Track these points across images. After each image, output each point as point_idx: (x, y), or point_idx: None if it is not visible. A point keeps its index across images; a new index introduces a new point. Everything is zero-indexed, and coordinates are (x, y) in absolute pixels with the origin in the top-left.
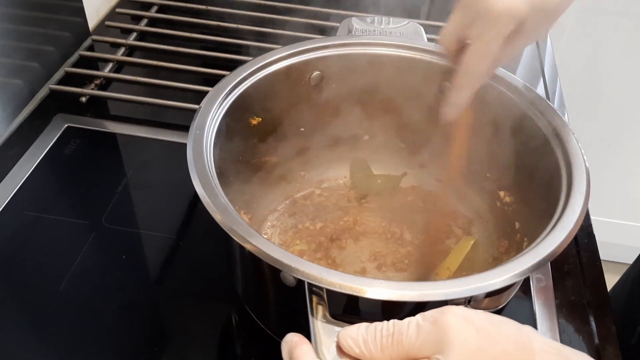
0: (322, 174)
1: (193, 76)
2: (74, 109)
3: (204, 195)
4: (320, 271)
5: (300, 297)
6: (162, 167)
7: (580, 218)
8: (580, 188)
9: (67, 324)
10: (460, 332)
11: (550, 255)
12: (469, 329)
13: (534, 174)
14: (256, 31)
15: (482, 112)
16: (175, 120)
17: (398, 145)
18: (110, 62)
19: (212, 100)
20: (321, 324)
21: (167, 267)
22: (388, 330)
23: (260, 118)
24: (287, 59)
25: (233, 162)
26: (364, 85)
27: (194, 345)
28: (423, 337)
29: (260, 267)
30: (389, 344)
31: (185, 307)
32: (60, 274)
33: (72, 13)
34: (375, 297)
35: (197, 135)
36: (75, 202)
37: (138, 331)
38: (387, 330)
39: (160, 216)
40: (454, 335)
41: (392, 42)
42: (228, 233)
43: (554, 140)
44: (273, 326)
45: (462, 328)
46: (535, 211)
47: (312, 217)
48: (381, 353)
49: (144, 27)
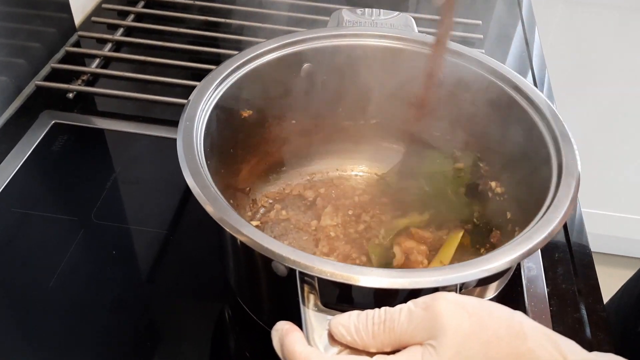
0: (314, 166)
1: (181, 71)
2: (61, 105)
3: (195, 186)
4: (312, 260)
5: (292, 286)
6: (151, 162)
7: (570, 206)
8: (570, 177)
9: (56, 321)
10: (452, 318)
11: (541, 243)
12: (461, 314)
13: (524, 163)
14: (244, 25)
15: (469, 101)
16: (164, 116)
17: (390, 136)
18: (97, 57)
19: (202, 91)
20: (313, 313)
21: (159, 263)
22: (380, 318)
23: (250, 111)
24: (277, 51)
25: (224, 154)
26: (354, 77)
27: (188, 341)
28: (415, 324)
29: (252, 258)
30: (380, 331)
31: (178, 303)
32: (49, 271)
33: (57, 9)
34: (366, 285)
35: (187, 127)
36: (63, 199)
37: (130, 327)
38: (378, 317)
39: (150, 211)
40: (446, 321)
41: (382, 33)
42: (219, 223)
43: (545, 129)
44: (266, 318)
45: (454, 313)
46: (526, 201)
47: (303, 210)
48: (373, 340)
49: (131, 22)
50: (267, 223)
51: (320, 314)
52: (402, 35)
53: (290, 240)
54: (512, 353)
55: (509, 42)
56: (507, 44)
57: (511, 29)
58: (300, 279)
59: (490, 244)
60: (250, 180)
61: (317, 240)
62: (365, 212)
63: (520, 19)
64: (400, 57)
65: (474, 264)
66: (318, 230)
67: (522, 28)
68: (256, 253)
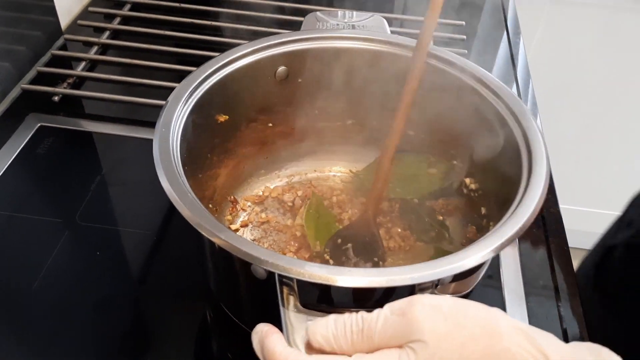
0: (292, 168)
1: (167, 73)
2: (47, 108)
3: (171, 192)
4: (289, 262)
5: (272, 289)
6: (136, 164)
7: (540, 200)
8: (540, 170)
9: (40, 324)
10: (428, 321)
11: (513, 236)
12: (437, 316)
13: (496, 159)
14: (230, 27)
15: (441, 100)
16: (150, 118)
17: (366, 137)
18: (83, 61)
19: (177, 97)
20: (293, 314)
21: (143, 265)
22: (358, 326)
23: (227, 116)
24: (252, 55)
25: (201, 159)
26: (330, 79)
27: (170, 342)
28: (392, 331)
29: (231, 262)
30: (359, 340)
31: (161, 305)
32: (33, 274)
33: (43, 12)
34: (344, 285)
35: (163, 133)
36: (48, 201)
37: (113, 330)
38: (356, 325)
39: (135, 213)
40: (423, 325)
41: (356, 35)
42: (196, 228)
43: (513, 124)
44: (247, 320)
45: (430, 316)
46: (499, 196)
47: (283, 212)
48: (352, 347)
49: (117, 25)
50: (247, 226)
51: (300, 315)
52: (376, 37)
53: (270, 242)
54: (488, 353)
55: (492, 42)
56: (491, 44)
57: (495, 29)
58: (280, 281)
59: (467, 239)
60: (228, 184)
61: (296, 241)
62: (345, 212)
63: (504, 19)
64: (375, 58)
65: (448, 261)
66: (296, 230)
67: (505, 27)
68: (235, 257)
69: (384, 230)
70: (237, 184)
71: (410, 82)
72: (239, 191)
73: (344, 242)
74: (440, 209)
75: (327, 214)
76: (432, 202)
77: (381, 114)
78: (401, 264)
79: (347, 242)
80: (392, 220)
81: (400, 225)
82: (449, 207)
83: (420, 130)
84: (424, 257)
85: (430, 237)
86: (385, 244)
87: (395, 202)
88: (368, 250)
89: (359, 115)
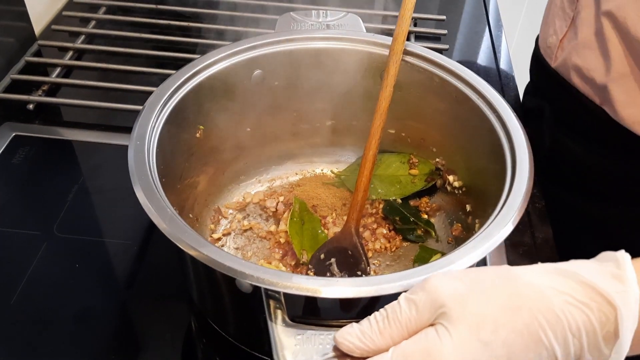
0: (273, 172)
1: (145, 77)
2: (22, 116)
3: (149, 206)
4: (275, 275)
5: (258, 302)
6: (115, 172)
7: (526, 195)
8: (524, 165)
9: (19, 339)
10: (446, 287)
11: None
12: (454, 280)
13: (479, 157)
14: (208, 29)
15: (421, 98)
16: (128, 123)
17: (346, 137)
18: (58, 67)
19: (151, 107)
20: (281, 328)
21: (123, 275)
22: (382, 315)
23: (202, 126)
24: (227, 59)
25: (179, 169)
26: (307, 80)
27: (154, 353)
28: (416, 307)
29: (214, 276)
30: (387, 325)
31: (144, 316)
32: (11, 288)
33: (15, 18)
34: (332, 296)
35: (137, 146)
36: (24, 213)
37: (95, 342)
38: (380, 315)
39: (114, 223)
40: (443, 291)
41: (331, 35)
42: (176, 244)
43: (494, 119)
44: (232, 332)
45: (447, 282)
46: (484, 193)
47: (265, 218)
48: (381, 337)
49: (92, 29)
50: (229, 234)
51: (288, 329)
52: (351, 36)
53: (254, 250)
54: (512, 292)
55: (474, 36)
56: (473, 38)
57: (476, 23)
58: (266, 295)
59: (453, 237)
60: (208, 192)
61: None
62: (329, 215)
63: (486, 13)
64: (351, 57)
65: (437, 266)
66: (279, 236)
67: (487, 21)
68: (218, 272)
69: (369, 233)
70: (217, 192)
71: (385, 89)
72: (220, 199)
73: (327, 257)
74: (425, 207)
75: (312, 218)
76: (416, 200)
77: (361, 114)
78: (388, 265)
79: (330, 257)
80: (377, 221)
81: (385, 226)
82: (434, 205)
83: (400, 129)
84: (411, 257)
85: (416, 236)
86: (371, 246)
87: (378, 203)
88: (351, 263)
89: (338, 116)
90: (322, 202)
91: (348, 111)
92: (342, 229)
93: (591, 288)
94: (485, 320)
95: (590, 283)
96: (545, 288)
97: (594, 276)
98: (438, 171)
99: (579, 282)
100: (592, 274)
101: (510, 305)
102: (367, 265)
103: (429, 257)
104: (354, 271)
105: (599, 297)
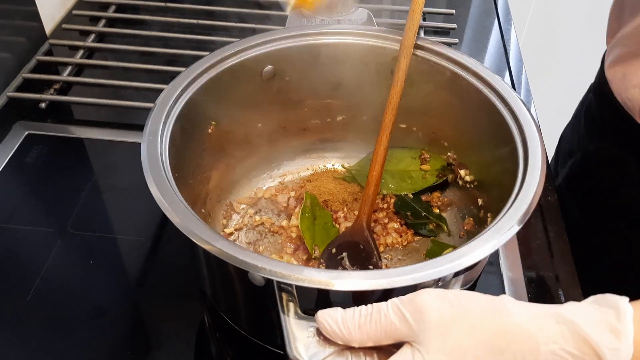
0: (285, 167)
1: (156, 75)
2: (34, 115)
3: (162, 201)
4: (287, 268)
5: (270, 295)
6: (127, 169)
7: (539, 189)
8: (536, 159)
9: (36, 335)
10: (435, 307)
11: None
12: (443, 303)
13: (491, 150)
14: (218, 26)
15: (432, 92)
16: (140, 121)
17: (357, 132)
18: (70, 65)
19: (164, 103)
20: (294, 321)
21: (138, 272)
22: (367, 310)
23: (214, 122)
24: (238, 55)
25: (191, 164)
26: (318, 76)
27: (168, 349)
28: (400, 317)
29: (227, 270)
30: (367, 322)
31: (159, 311)
32: (27, 285)
33: (26, 18)
34: (344, 289)
35: (150, 141)
36: (39, 210)
37: (110, 338)
38: (365, 310)
39: (127, 219)
40: (430, 310)
41: (342, 30)
42: (190, 237)
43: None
44: (245, 326)
45: (437, 304)
46: (495, 187)
47: (277, 212)
48: (358, 331)
49: (103, 28)
50: (241, 229)
51: (301, 322)
52: (362, 30)
53: (266, 245)
54: (499, 331)
55: (483, 30)
56: (482, 32)
57: (485, 17)
58: (278, 288)
59: (465, 231)
60: (220, 188)
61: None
62: (340, 210)
63: (495, 6)
64: (362, 52)
65: (448, 259)
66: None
67: (496, 14)
68: (231, 265)
69: (380, 227)
70: (229, 187)
71: (396, 83)
72: (231, 194)
73: (338, 252)
74: (437, 202)
75: (323, 213)
76: (428, 195)
77: (371, 108)
78: (400, 260)
79: (341, 252)
80: (388, 216)
81: (397, 220)
82: (445, 200)
83: (412, 123)
84: (423, 251)
85: (428, 231)
86: (383, 241)
87: (390, 198)
88: (363, 258)
89: (349, 111)
90: (334, 197)
91: (359, 106)
92: (353, 223)
93: (584, 340)
94: (465, 357)
95: (585, 335)
96: (536, 332)
97: (590, 327)
98: (450, 166)
99: (573, 332)
100: (589, 323)
101: (494, 346)
102: (379, 260)
103: (441, 251)
104: (366, 265)
105: (590, 350)
